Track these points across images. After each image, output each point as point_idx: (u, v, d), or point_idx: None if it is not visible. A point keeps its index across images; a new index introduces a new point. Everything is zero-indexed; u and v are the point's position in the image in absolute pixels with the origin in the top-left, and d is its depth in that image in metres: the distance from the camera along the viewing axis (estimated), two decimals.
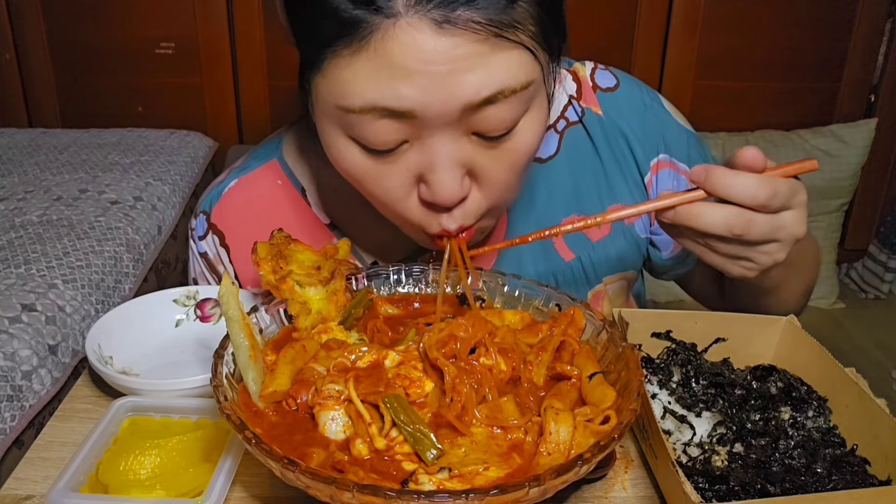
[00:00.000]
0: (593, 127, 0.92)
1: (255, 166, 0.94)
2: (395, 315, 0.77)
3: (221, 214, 0.93)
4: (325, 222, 0.92)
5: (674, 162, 0.94)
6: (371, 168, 0.70)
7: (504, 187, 0.73)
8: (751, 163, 0.66)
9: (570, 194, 0.92)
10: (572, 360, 0.68)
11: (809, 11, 2.21)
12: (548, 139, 0.92)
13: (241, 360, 0.63)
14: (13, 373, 1.11)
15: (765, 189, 0.65)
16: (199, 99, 2.25)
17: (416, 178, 0.70)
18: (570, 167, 0.92)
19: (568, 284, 0.93)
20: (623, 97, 0.93)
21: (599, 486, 0.68)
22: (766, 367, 0.75)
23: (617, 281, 0.97)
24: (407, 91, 0.63)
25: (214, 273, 0.96)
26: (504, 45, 0.63)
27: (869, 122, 2.27)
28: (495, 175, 0.71)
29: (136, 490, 0.63)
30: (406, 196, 0.72)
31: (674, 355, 0.75)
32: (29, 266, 1.35)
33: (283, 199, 0.92)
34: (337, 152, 0.72)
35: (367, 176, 0.71)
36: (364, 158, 0.70)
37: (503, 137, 0.69)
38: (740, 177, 0.65)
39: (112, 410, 0.72)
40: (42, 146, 1.98)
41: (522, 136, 0.70)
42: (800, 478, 0.63)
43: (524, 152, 0.71)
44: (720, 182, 0.65)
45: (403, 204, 0.73)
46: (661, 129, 0.94)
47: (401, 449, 0.59)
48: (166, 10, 2.14)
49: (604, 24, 2.21)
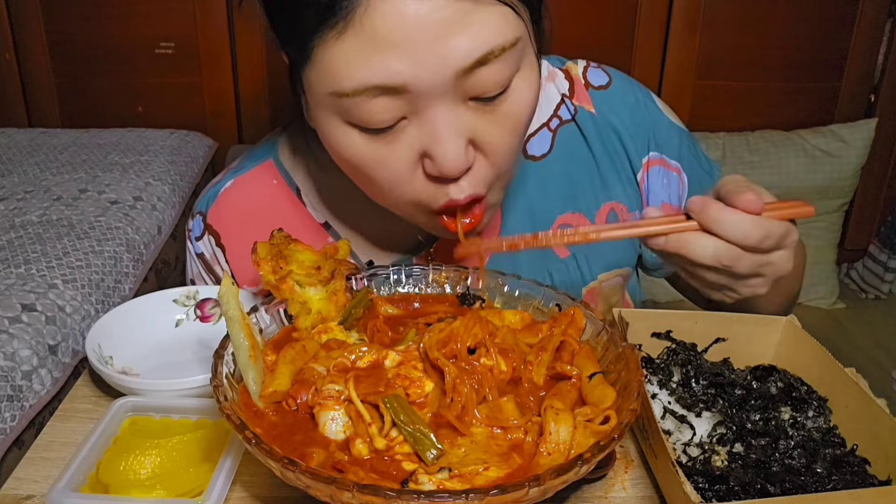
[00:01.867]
0: (586, 125, 0.92)
1: (251, 167, 0.94)
2: (395, 315, 0.77)
3: (217, 215, 0.94)
4: (320, 222, 0.93)
5: (664, 159, 0.95)
6: (373, 152, 0.70)
7: (507, 151, 0.73)
8: (747, 207, 0.65)
9: (565, 192, 0.92)
10: (572, 359, 0.68)
11: (810, 11, 2.21)
12: (541, 137, 0.92)
13: (241, 360, 0.63)
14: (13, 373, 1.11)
15: (757, 231, 0.65)
16: (198, 99, 2.24)
17: (420, 154, 0.70)
18: (564, 165, 0.92)
19: (563, 281, 0.94)
20: (615, 95, 0.93)
21: (599, 486, 0.68)
22: (766, 367, 0.75)
23: (612, 278, 0.97)
24: (397, 64, 0.63)
25: (211, 274, 0.96)
26: (484, 2, 0.64)
27: (869, 122, 2.27)
28: (497, 140, 0.71)
29: (136, 490, 0.63)
30: (411, 175, 0.72)
31: (674, 355, 0.75)
32: (29, 266, 1.35)
33: (279, 199, 0.93)
34: (337, 142, 0.71)
35: (371, 160, 0.71)
36: (365, 143, 0.70)
37: (499, 98, 0.69)
38: (735, 215, 0.65)
39: (112, 410, 0.72)
40: (42, 146, 1.97)
41: (517, 96, 0.70)
42: (800, 478, 0.63)
43: (521, 112, 0.71)
44: (715, 217, 0.65)
45: (409, 184, 0.72)
46: (653, 127, 0.94)
47: (401, 449, 0.59)
48: (166, 10, 2.14)
49: (604, 24, 2.21)
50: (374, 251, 0.93)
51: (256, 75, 2.20)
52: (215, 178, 0.97)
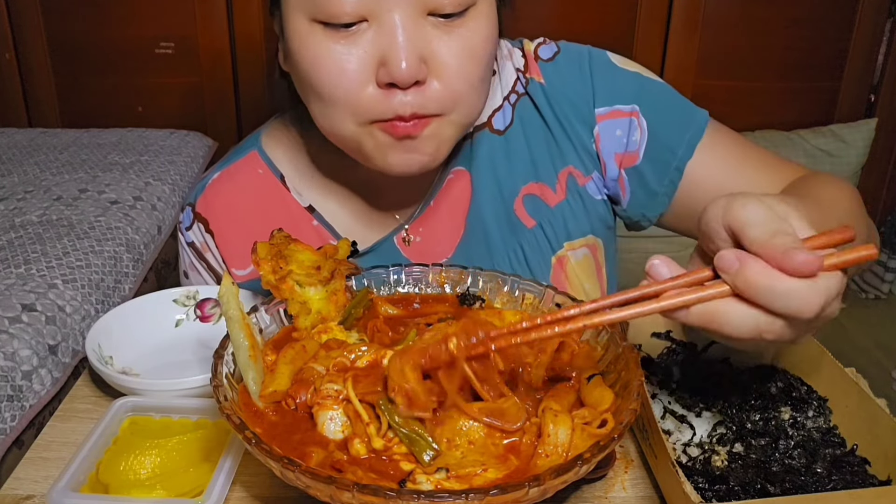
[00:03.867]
0: (537, 95, 0.95)
1: (237, 159, 1.00)
2: (395, 315, 0.77)
3: (205, 203, 0.98)
4: (304, 206, 0.97)
5: (617, 109, 0.93)
6: (332, 50, 0.75)
7: (462, 76, 0.77)
8: (801, 271, 0.49)
9: (528, 162, 0.95)
10: (571, 360, 0.68)
11: (810, 11, 2.21)
12: (504, 112, 0.95)
13: (241, 360, 0.63)
14: (13, 373, 1.11)
15: (817, 300, 0.50)
16: (198, 99, 2.24)
17: (375, 62, 0.75)
18: (524, 137, 0.95)
19: (533, 251, 0.96)
20: (561, 63, 0.95)
21: (599, 487, 0.68)
22: (766, 367, 0.75)
23: (580, 247, 0.98)
24: None
25: (203, 261, 1.00)
26: None
27: (869, 122, 2.27)
28: (451, 62, 0.76)
29: (136, 490, 0.63)
30: (365, 83, 0.76)
31: (674, 355, 0.75)
32: (29, 266, 1.35)
33: (264, 186, 0.98)
34: (301, 42, 0.77)
35: (329, 59, 0.75)
36: (326, 41, 0.75)
37: (456, 20, 0.76)
38: (785, 283, 0.49)
39: (112, 410, 0.72)
40: (42, 146, 1.97)
41: (474, 23, 0.76)
42: (800, 478, 0.63)
43: (477, 41, 0.77)
44: (759, 286, 0.50)
45: (362, 90, 0.76)
46: (603, 83, 0.94)
47: (398, 449, 0.58)
48: (166, 9, 2.14)
49: (604, 24, 2.21)
50: (354, 231, 0.96)
51: (256, 75, 2.20)
52: (204, 174, 1.02)
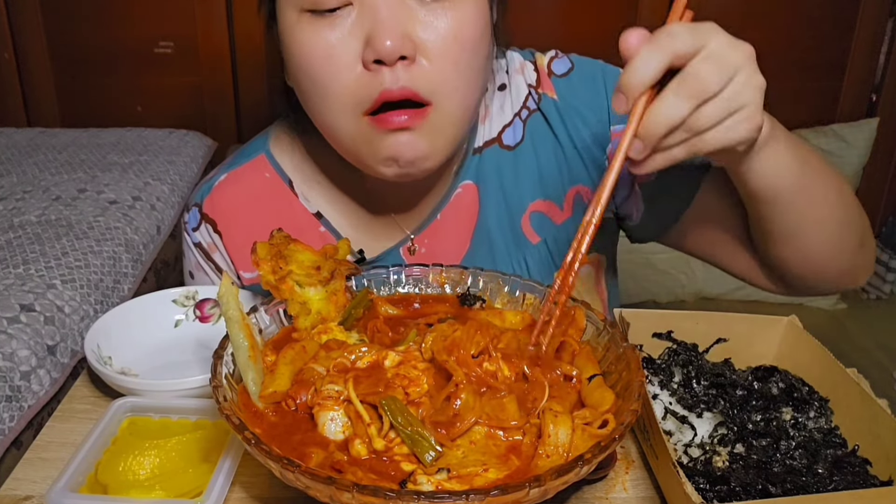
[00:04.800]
0: (549, 111, 0.94)
1: (244, 162, 0.98)
2: (395, 315, 0.77)
3: (213, 204, 0.97)
4: (312, 212, 0.96)
5: None
6: (320, 37, 0.76)
7: (448, 57, 0.77)
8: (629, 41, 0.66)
9: (536, 179, 0.95)
10: (573, 360, 0.68)
11: (811, 11, 2.21)
12: (514, 127, 0.95)
13: (241, 361, 0.63)
14: (12, 373, 1.10)
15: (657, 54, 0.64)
16: (198, 99, 2.24)
17: (362, 44, 0.75)
18: (535, 154, 0.95)
19: (537, 267, 0.96)
20: (577, 79, 0.95)
21: (600, 487, 0.68)
22: (767, 368, 0.75)
23: (584, 264, 0.97)
24: None
25: (210, 261, 0.99)
26: None
27: (871, 122, 2.26)
28: (438, 42, 0.76)
29: (135, 490, 0.63)
30: (353, 63, 0.76)
31: (675, 356, 0.75)
32: (27, 266, 1.35)
33: (272, 190, 0.97)
34: (291, 36, 0.78)
35: (317, 47, 0.77)
36: (313, 27, 0.76)
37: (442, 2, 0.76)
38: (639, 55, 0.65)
39: (111, 411, 0.72)
40: (41, 146, 1.97)
41: (461, 5, 0.76)
42: (801, 478, 0.63)
43: (463, 21, 0.77)
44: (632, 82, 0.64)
45: (351, 72, 0.76)
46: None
47: (399, 450, 0.58)
48: (165, 9, 2.14)
49: (604, 24, 2.20)
50: (361, 241, 0.96)
51: (256, 75, 2.20)
52: (209, 174, 1.00)
